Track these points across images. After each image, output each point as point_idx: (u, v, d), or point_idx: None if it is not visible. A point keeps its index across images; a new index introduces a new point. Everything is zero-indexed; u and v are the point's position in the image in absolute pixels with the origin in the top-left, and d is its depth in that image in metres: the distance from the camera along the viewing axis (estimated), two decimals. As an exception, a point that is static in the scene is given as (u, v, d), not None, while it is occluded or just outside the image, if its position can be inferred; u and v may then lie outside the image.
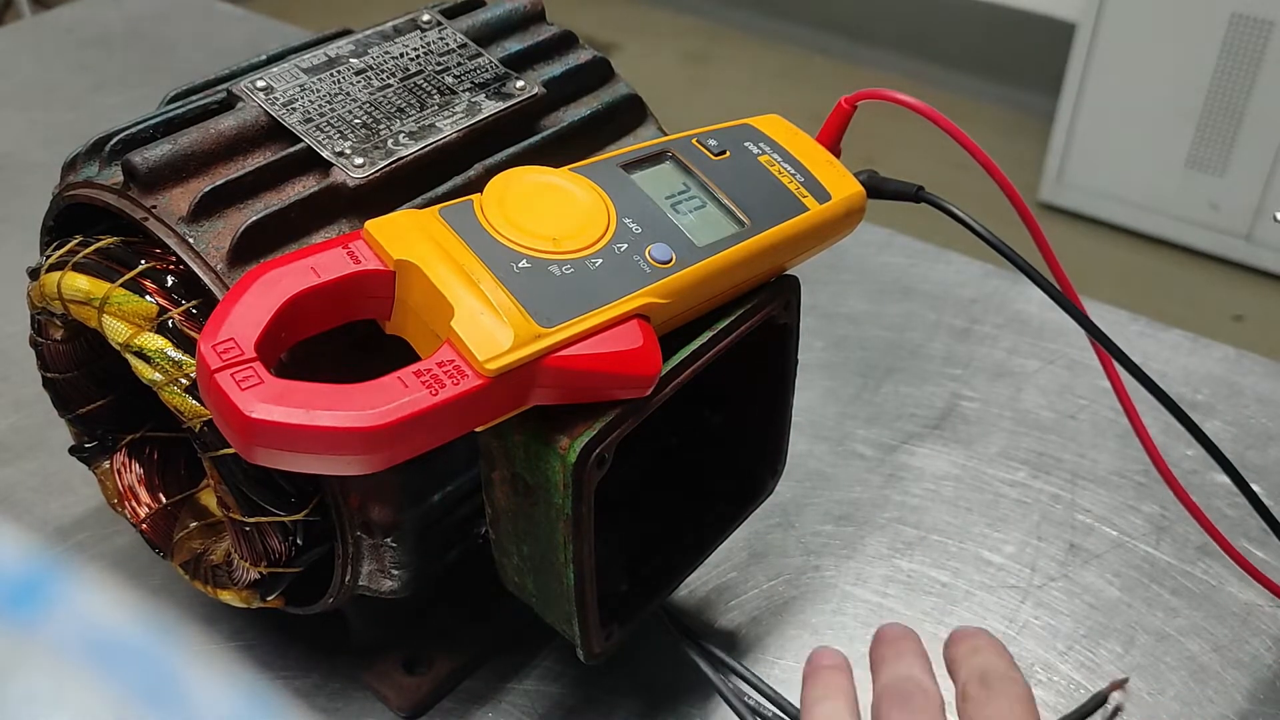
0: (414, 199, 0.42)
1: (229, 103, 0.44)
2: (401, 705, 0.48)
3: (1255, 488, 0.48)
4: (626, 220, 0.40)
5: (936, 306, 0.72)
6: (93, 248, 0.41)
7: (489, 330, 0.35)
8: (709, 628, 0.53)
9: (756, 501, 0.49)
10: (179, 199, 0.40)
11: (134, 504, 0.49)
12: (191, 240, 0.40)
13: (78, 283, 0.40)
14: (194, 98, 0.45)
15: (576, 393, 0.37)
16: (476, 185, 0.40)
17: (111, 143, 0.42)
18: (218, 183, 0.40)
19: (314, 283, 0.36)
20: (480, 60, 0.47)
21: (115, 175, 0.41)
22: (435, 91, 0.45)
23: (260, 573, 0.42)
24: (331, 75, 0.44)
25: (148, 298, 0.40)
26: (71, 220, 0.44)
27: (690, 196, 0.41)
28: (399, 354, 0.36)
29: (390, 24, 0.47)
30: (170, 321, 0.40)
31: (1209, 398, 0.65)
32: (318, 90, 0.44)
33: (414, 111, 0.44)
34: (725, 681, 0.47)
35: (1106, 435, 0.63)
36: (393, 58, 0.46)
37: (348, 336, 0.38)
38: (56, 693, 0.16)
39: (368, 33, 0.47)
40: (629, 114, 0.49)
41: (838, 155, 0.45)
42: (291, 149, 0.42)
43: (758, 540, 0.57)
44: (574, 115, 0.47)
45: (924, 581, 0.55)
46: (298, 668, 0.50)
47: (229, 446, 0.37)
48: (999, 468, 0.61)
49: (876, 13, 2.56)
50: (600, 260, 0.38)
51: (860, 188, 0.44)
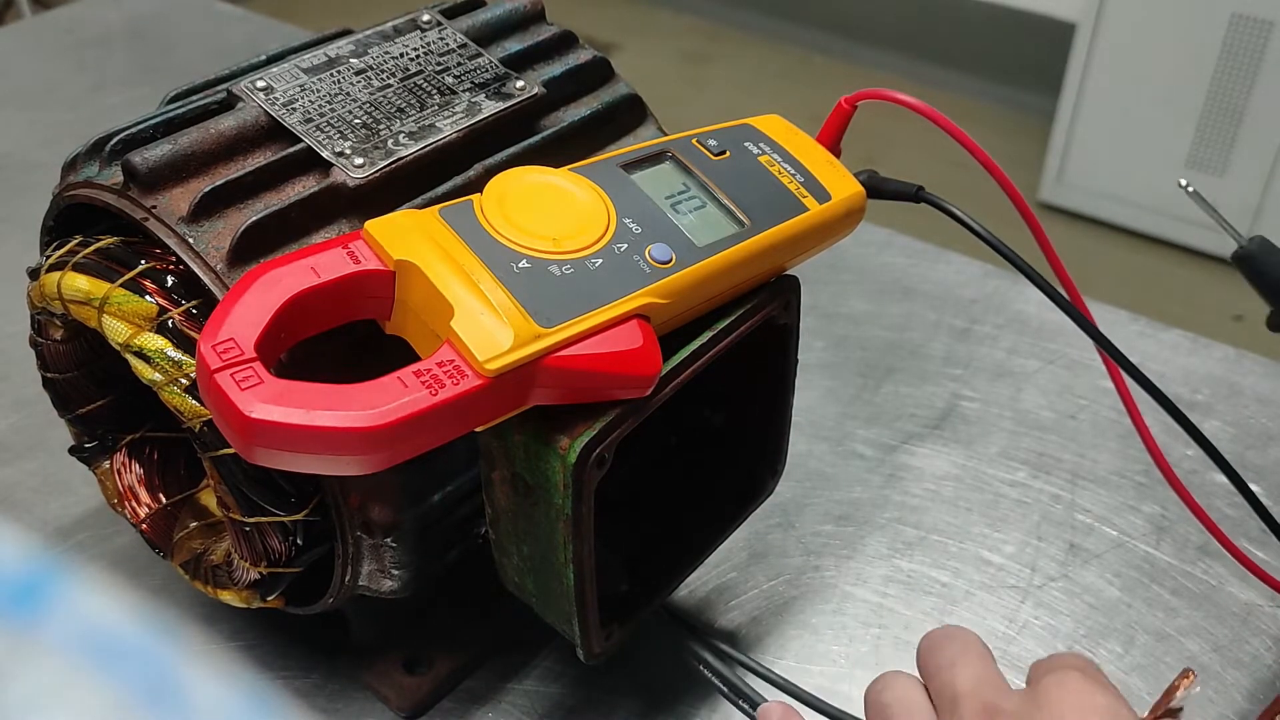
0: (414, 199, 0.42)
1: (229, 103, 0.44)
2: (401, 705, 0.48)
3: (1255, 488, 0.48)
4: (626, 220, 0.40)
5: (936, 306, 0.72)
6: (93, 248, 0.41)
7: (489, 330, 0.35)
8: (709, 628, 0.53)
9: (756, 501, 0.49)
10: (179, 199, 0.40)
11: (134, 504, 0.49)
12: (191, 240, 0.40)
13: (78, 283, 0.40)
14: (194, 98, 0.45)
15: (576, 393, 0.37)
16: (476, 185, 0.40)
17: (111, 143, 0.42)
18: (218, 183, 0.40)
19: (314, 283, 0.36)
20: (480, 60, 0.47)
21: (115, 175, 0.41)
22: (435, 91, 0.45)
23: (260, 573, 0.42)
24: (331, 75, 0.44)
25: (148, 298, 0.40)
26: (71, 220, 0.44)
27: (690, 196, 0.41)
28: (399, 354, 0.36)
29: (390, 24, 0.47)
30: (170, 321, 0.40)
31: (1209, 398, 0.65)
32: (318, 90, 0.44)
33: (414, 111, 0.44)
34: (730, 674, 0.47)
35: (1106, 435, 0.63)
36: (393, 58, 0.46)
37: (348, 336, 0.38)
38: (56, 693, 0.16)
39: (368, 33, 0.47)
40: (629, 114, 0.49)
41: (838, 155, 0.45)
42: (291, 149, 0.42)
43: (758, 540, 0.57)
44: (574, 115, 0.47)
45: (924, 581, 0.55)
46: (298, 668, 0.50)
47: (229, 446, 0.37)
48: (999, 468, 0.61)
49: (876, 13, 2.56)
50: (600, 260, 0.38)
51: (860, 188, 0.44)
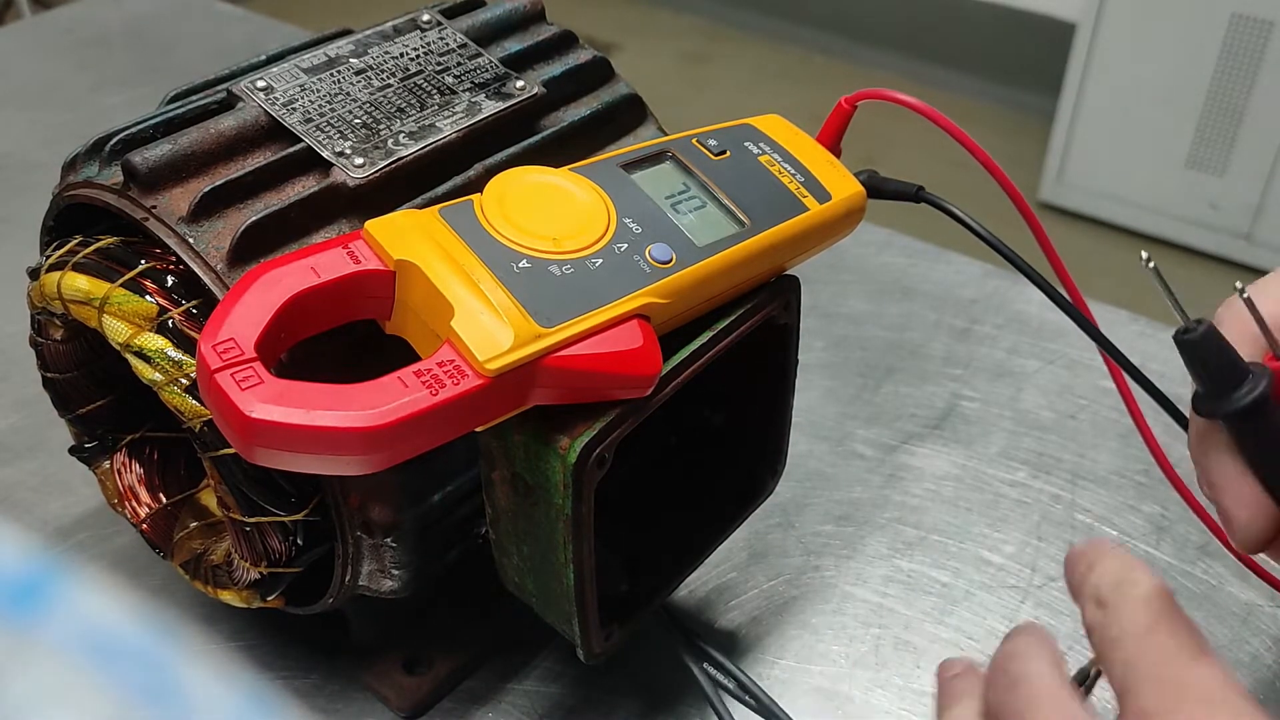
0: (414, 199, 0.42)
1: (229, 103, 0.44)
2: (401, 705, 0.48)
3: (1255, 488, 0.48)
4: (626, 220, 0.40)
5: (936, 306, 0.72)
6: (93, 248, 0.41)
7: (489, 330, 0.35)
8: (709, 628, 0.53)
9: (756, 501, 0.49)
10: (179, 199, 0.40)
11: (134, 504, 0.49)
12: (191, 240, 0.40)
13: (78, 283, 0.40)
14: (194, 98, 0.45)
15: (576, 393, 0.37)
16: (476, 185, 0.40)
17: (111, 143, 0.42)
18: (218, 183, 0.40)
19: (314, 283, 0.36)
20: (480, 60, 0.47)
21: (115, 175, 0.41)
22: (435, 91, 0.45)
23: (260, 573, 0.42)
24: (331, 75, 0.44)
25: (148, 298, 0.40)
26: (71, 220, 0.44)
27: (690, 196, 0.41)
28: (399, 354, 0.36)
29: (390, 24, 0.47)
30: (170, 321, 0.40)
31: (1209, 398, 0.65)
32: (318, 90, 0.44)
33: (414, 111, 0.44)
34: (723, 683, 0.47)
35: (1106, 435, 0.63)
36: (393, 58, 0.46)
37: (348, 336, 0.38)
38: (56, 693, 0.16)
39: (368, 33, 0.47)
40: (629, 114, 0.49)
41: (838, 155, 0.45)
42: (291, 149, 0.42)
43: (758, 540, 0.57)
44: (574, 115, 0.47)
45: (924, 581, 0.55)
46: (298, 668, 0.50)
47: (229, 446, 0.37)
48: (999, 468, 0.61)
49: (876, 13, 2.56)
50: (600, 260, 0.38)
51: (860, 188, 0.44)
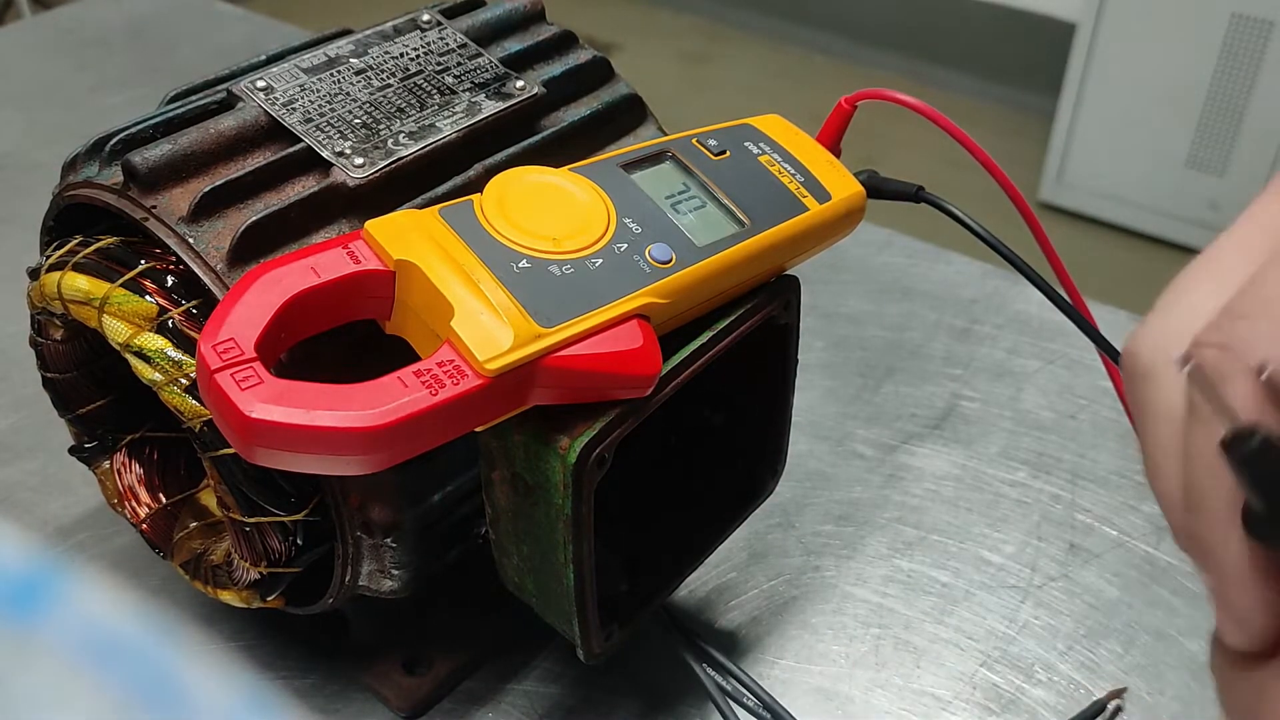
0: (414, 199, 0.42)
1: (229, 103, 0.44)
2: (401, 705, 0.48)
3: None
4: (626, 220, 0.40)
5: (936, 306, 0.72)
6: (93, 248, 0.41)
7: (489, 330, 0.35)
8: (709, 628, 0.53)
9: (756, 502, 0.49)
10: (179, 199, 0.40)
11: (134, 504, 0.49)
12: (191, 240, 0.40)
13: (78, 283, 0.40)
14: (194, 98, 0.45)
15: (576, 393, 0.37)
16: (476, 185, 0.40)
17: (111, 143, 0.42)
18: (218, 183, 0.40)
19: (314, 283, 0.36)
20: (480, 60, 0.47)
21: (115, 175, 0.41)
22: (435, 91, 0.45)
23: (260, 573, 0.42)
24: (331, 75, 0.44)
25: (148, 298, 0.40)
26: (71, 220, 0.44)
27: (690, 196, 0.41)
28: (399, 354, 0.36)
29: (390, 24, 0.47)
30: (170, 321, 0.40)
31: (1209, 398, 0.65)
32: (318, 90, 0.44)
33: (414, 111, 0.44)
34: (724, 684, 0.47)
35: (1106, 435, 0.63)
36: (393, 58, 0.46)
37: (348, 336, 0.38)
38: (57, 693, 0.16)
39: (368, 33, 0.47)
40: (629, 114, 0.49)
41: (838, 155, 0.45)
42: (291, 149, 0.42)
43: (758, 540, 0.57)
44: (574, 115, 0.47)
45: (924, 581, 0.55)
46: (298, 668, 0.50)
47: (229, 446, 0.37)
48: (999, 468, 0.61)
49: (876, 13, 2.56)
50: (600, 260, 0.38)
51: (860, 188, 0.44)
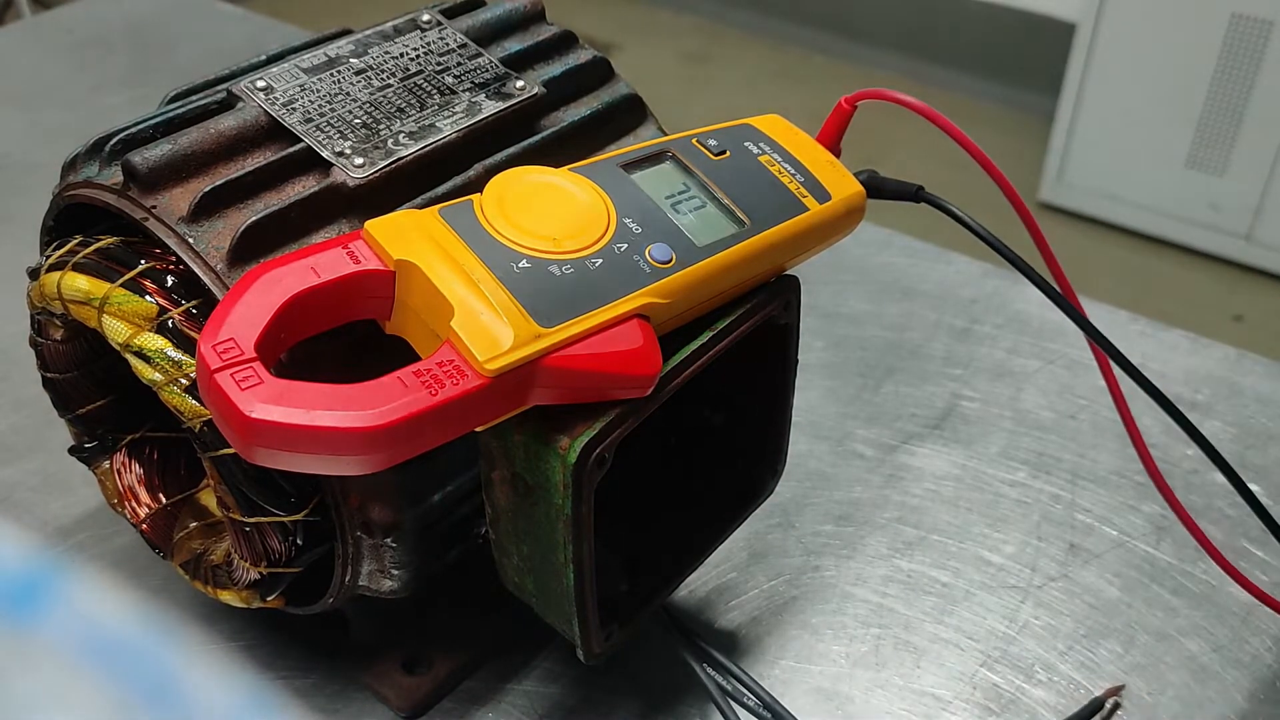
0: (414, 199, 0.42)
1: (229, 103, 0.44)
2: (401, 705, 0.48)
3: (1255, 488, 0.48)
4: (626, 220, 0.40)
5: (936, 306, 0.72)
6: (93, 248, 0.41)
7: (489, 330, 0.35)
8: (709, 628, 0.53)
9: (756, 502, 0.49)
10: (179, 199, 0.40)
11: (134, 504, 0.49)
12: (191, 240, 0.40)
13: (78, 283, 0.40)
14: (194, 98, 0.45)
15: (576, 393, 0.37)
16: (476, 185, 0.40)
17: (111, 143, 0.42)
18: (218, 183, 0.40)
19: (314, 283, 0.36)
20: (480, 60, 0.47)
21: (115, 175, 0.41)
22: (435, 91, 0.45)
23: (260, 573, 0.42)
24: (331, 75, 0.44)
25: (148, 298, 0.40)
26: (71, 220, 0.44)
27: (690, 196, 0.41)
28: (399, 354, 0.36)
29: (390, 24, 0.47)
30: (170, 321, 0.40)
31: (1209, 398, 0.65)
32: (318, 90, 0.44)
33: (414, 111, 0.44)
34: (724, 684, 0.47)
35: (1106, 435, 0.63)
36: (393, 58, 0.46)
37: (348, 336, 0.38)
38: (56, 693, 0.16)
39: (368, 33, 0.47)
40: (629, 114, 0.49)
41: (838, 155, 0.45)
42: (291, 149, 0.42)
43: (758, 540, 0.57)
44: (574, 115, 0.47)
45: (924, 581, 0.55)
46: (298, 668, 0.50)
47: (229, 446, 0.37)
48: (999, 468, 0.61)
49: (876, 13, 2.56)
50: (600, 260, 0.38)
51: (860, 188, 0.44)
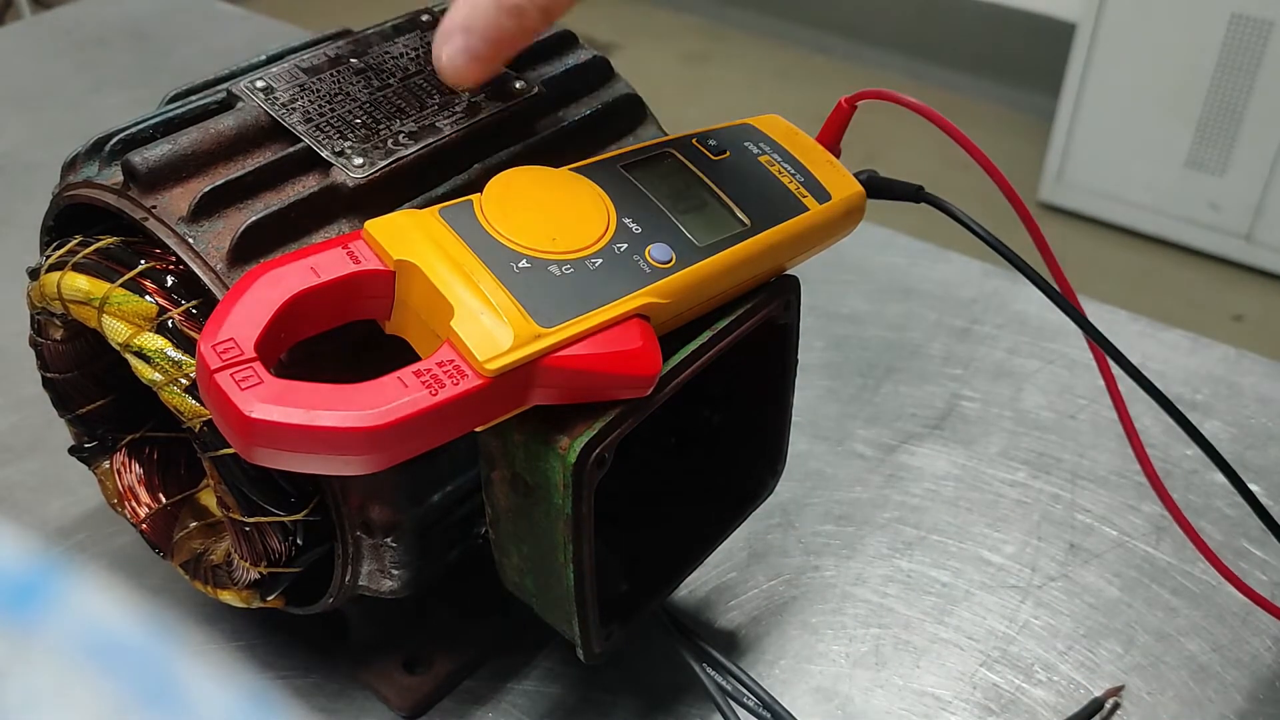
0: (414, 199, 0.42)
1: (229, 103, 0.44)
2: (401, 705, 0.48)
3: (1255, 488, 0.48)
4: (626, 220, 0.40)
5: (936, 306, 0.72)
6: (93, 248, 0.41)
7: (489, 330, 0.35)
8: (709, 628, 0.53)
9: (756, 501, 0.49)
10: (179, 199, 0.40)
11: (134, 504, 0.49)
12: (191, 240, 0.40)
13: (78, 283, 0.40)
14: (194, 98, 0.45)
15: (576, 393, 0.37)
16: (476, 185, 0.40)
17: (111, 143, 0.42)
18: (218, 183, 0.40)
19: (314, 283, 0.36)
20: (480, 60, 0.47)
21: (115, 175, 0.41)
22: (435, 91, 0.45)
23: (260, 573, 0.42)
24: (331, 75, 0.44)
25: (147, 298, 0.40)
26: (71, 220, 0.44)
27: (690, 196, 0.41)
28: (399, 354, 0.36)
29: (390, 24, 0.47)
30: (170, 321, 0.40)
31: (1209, 398, 0.65)
32: (318, 90, 0.44)
33: (414, 111, 0.44)
34: (724, 684, 0.47)
35: (1106, 435, 0.63)
36: (393, 58, 0.46)
37: (348, 336, 0.38)
38: (56, 693, 0.16)
39: (368, 33, 0.47)
40: (629, 114, 0.49)
41: (838, 155, 0.45)
42: (291, 149, 0.42)
43: (758, 540, 0.57)
44: (574, 115, 0.47)
45: (924, 581, 0.55)
46: (298, 668, 0.50)
47: (229, 446, 0.37)
48: (999, 468, 0.61)
49: (876, 13, 2.56)
50: (600, 260, 0.38)
51: (860, 188, 0.44)
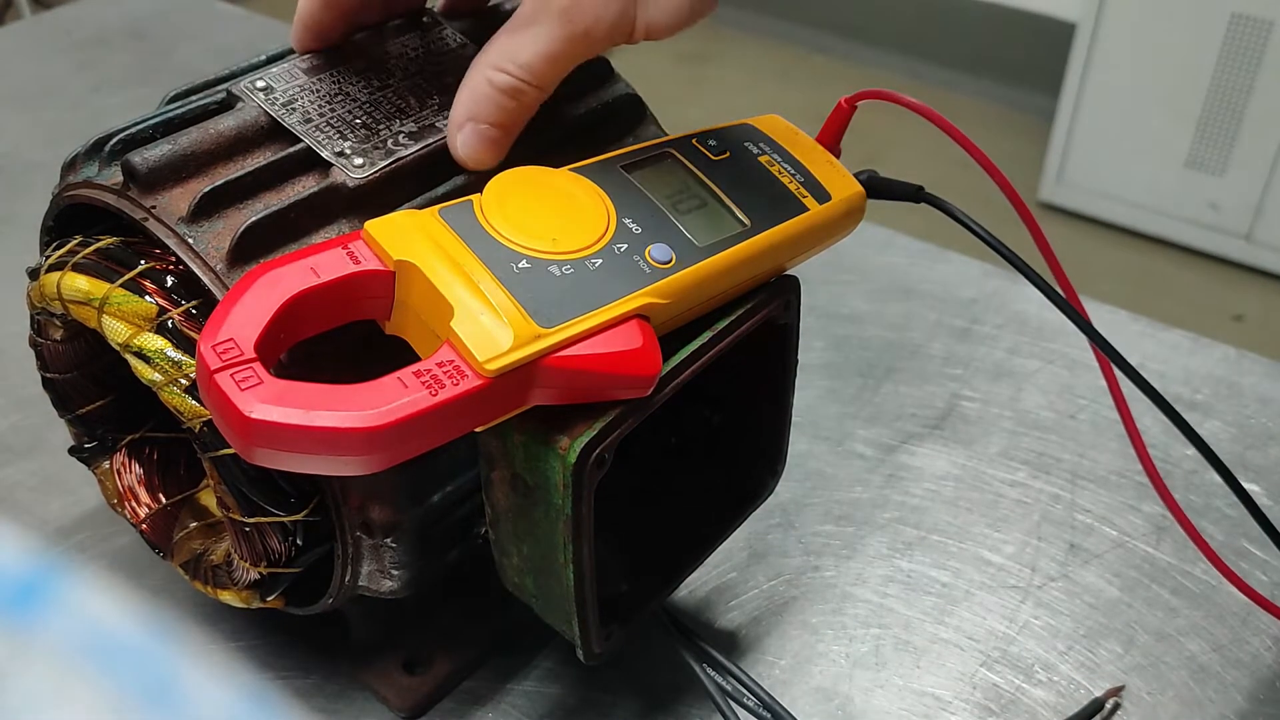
0: (414, 199, 0.42)
1: (229, 103, 0.44)
2: (401, 705, 0.48)
3: (1255, 488, 0.48)
4: (626, 220, 0.40)
5: (936, 306, 0.72)
6: (92, 248, 0.41)
7: (489, 330, 0.35)
8: (709, 628, 0.53)
9: (756, 501, 0.49)
10: (179, 199, 0.40)
11: (134, 504, 0.49)
12: (191, 240, 0.40)
13: (77, 283, 0.40)
14: (194, 98, 0.45)
15: (576, 393, 0.37)
16: (476, 185, 0.40)
17: (111, 143, 0.42)
18: (217, 183, 0.40)
19: (314, 283, 0.36)
20: (480, 60, 0.47)
21: (115, 175, 0.41)
22: (435, 91, 0.45)
23: (260, 573, 0.42)
24: (331, 75, 0.44)
25: (147, 298, 0.40)
26: (71, 220, 0.44)
27: (690, 196, 0.41)
28: (399, 354, 0.36)
29: (390, 24, 0.47)
30: (170, 322, 0.40)
31: (1209, 398, 0.65)
32: (317, 90, 0.44)
33: (414, 111, 0.44)
34: (724, 684, 0.47)
35: (1106, 435, 0.63)
36: (393, 58, 0.46)
37: (348, 336, 0.38)
38: (56, 693, 0.16)
39: (368, 32, 0.47)
40: (629, 114, 0.49)
41: (838, 155, 0.45)
42: (291, 149, 0.42)
43: (758, 540, 0.57)
44: (574, 115, 0.47)
45: (924, 581, 0.55)
46: (298, 668, 0.50)
47: (229, 446, 0.37)
48: (999, 468, 0.61)
49: (876, 13, 2.56)
50: (600, 260, 0.38)
51: (860, 188, 0.44)
